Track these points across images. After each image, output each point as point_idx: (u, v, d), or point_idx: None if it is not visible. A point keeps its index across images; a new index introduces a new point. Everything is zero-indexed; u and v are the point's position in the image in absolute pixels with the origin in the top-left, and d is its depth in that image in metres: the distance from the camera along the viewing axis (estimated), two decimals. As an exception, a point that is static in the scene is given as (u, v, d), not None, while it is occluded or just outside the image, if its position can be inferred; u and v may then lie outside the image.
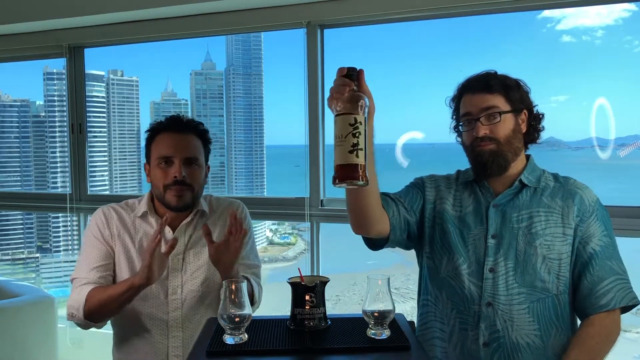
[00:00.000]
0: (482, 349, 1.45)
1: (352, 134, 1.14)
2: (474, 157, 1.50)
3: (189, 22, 2.83)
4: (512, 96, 1.47)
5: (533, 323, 1.44)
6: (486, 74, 1.52)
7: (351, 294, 4.09)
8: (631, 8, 2.60)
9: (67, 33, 3.08)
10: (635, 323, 3.17)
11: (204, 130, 1.79)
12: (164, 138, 1.72)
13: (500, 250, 1.46)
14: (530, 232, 1.45)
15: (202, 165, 1.76)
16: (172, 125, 1.74)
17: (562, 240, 1.45)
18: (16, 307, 2.83)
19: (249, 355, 1.14)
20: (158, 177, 1.70)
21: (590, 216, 1.46)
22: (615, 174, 2.96)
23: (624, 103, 2.74)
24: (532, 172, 1.52)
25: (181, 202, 1.69)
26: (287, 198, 2.82)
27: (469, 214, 1.53)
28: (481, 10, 2.42)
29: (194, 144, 1.74)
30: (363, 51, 3.57)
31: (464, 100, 1.52)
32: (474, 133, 1.47)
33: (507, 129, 1.46)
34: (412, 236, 1.58)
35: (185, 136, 1.73)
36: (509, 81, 1.50)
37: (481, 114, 1.46)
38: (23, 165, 4.13)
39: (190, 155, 1.71)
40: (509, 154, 1.47)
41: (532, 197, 1.49)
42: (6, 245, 4.42)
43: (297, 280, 1.26)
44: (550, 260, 1.44)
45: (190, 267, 1.74)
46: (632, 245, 2.16)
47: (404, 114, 3.82)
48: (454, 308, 1.50)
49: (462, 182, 1.59)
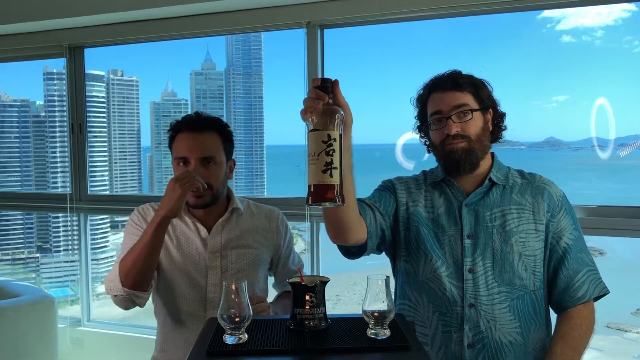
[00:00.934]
0: (466, 350, 1.45)
1: (326, 152, 1.08)
2: (445, 156, 1.49)
3: (189, 22, 2.83)
4: (480, 94, 1.49)
5: (515, 321, 1.45)
6: (453, 72, 1.53)
7: (351, 294, 4.09)
8: (631, 8, 2.61)
9: (67, 33, 3.08)
10: (635, 323, 3.17)
11: (223, 125, 1.79)
12: (180, 138, 1.73)
13: (477, 250, 1.46)
14: (504, 230, 1.46)
15: (221, 162, 1.75)
16: (189, 124, 1.74)
17: (535, 236, 1.47)
18: (16, 307, 2.83)
19: (249, 355, 1.14)
20: None
21: (559, 211, 1.49)
22: (615, 174, 2.96)
23: (624, 103, 2.74)
24: (499, 169, 1.54)
25: (200, 202, 1.71)
26: (287, 198, 2.82)
27: (441, 214, 1.52)
28: (481, 10, 2.42)
29: (211, 142, 1.73)
30: (363, 51, 3.57)
31: (432, 98, 1.52)
32: (445, 131, 1.47)
33: (478, 126, 1.48)
34: (387, 241, 1.56)
35: (201, 135, 1.72)
36: (476, 80, 1.51)
37: (452, 111, 1.46)
38: (23, 165, 4.13)
39: (205, 155, 1.71)
40: (480, 152, 1.48)
41: (502, 195, 1.51)
42: (6, 245, 4.43)
43: (297, 280, 1.26)
44: (526, 257, 1.45)
45: (232, 266, 1.75)
46: (632, 245, 2.16)
47: (404, 114, 3.82)
48: (435, 311, 1.50)
49: (430, 183, 1.58)
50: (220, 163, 1.75)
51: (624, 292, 2.84)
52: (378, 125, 3.67)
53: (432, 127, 1.52)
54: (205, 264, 1.74)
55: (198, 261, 1.75)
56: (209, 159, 1.72)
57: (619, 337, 3.14)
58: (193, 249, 1.76)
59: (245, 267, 1.77)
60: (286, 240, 1.90)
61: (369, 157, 3.87)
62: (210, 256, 1.74)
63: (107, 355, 3.14)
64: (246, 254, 1.78)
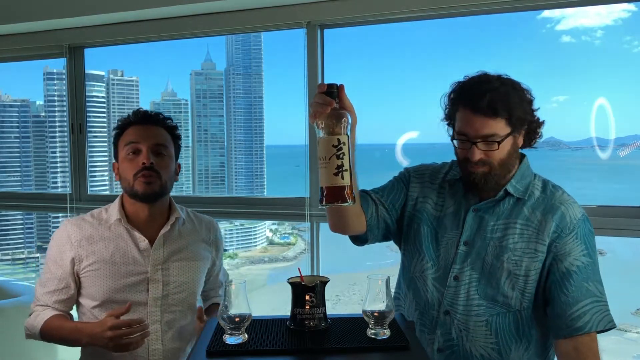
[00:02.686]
0: (436, 353, 1.45)
1: (336, 155, 1.15)
2: (465, 175, 1.46)
3: (189, 22, 2.83)
4: (515, 117, 1.37)
5: (490, 336, 1.42)
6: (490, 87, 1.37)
7: (351, 294, 4.09)
8: (630, 8, 2.61)
9: (67, 33, 3.08)
10: (635, 323, 3.17)
11: (173, 125, 1.76)
12: (130, 131, 1.70)
13: (468, 259, 1.44)
14: (501, 244, 1.42)
15: (172, 157, 1.72)
16: (139, 118, 1.72)
17: (533, 256, 1.40)
18: (16, 307, 2.83)
19: (249, 355, 1.14)
20: (127, 169, 1.66)
21: (569, 233, 1.40)
22: (615, 174, 2.96)
23: (624, 103, 2.74)
24: (521, 179, 1.46)
25: (149, 189, 1.64)
26: (287, 198, 2.82)
27: (448, 215, 1.50)
28: (481, 10, 2.42)
29: (162, 134, 1.71)
30: (363, 51, 3.57)
31: (462, 114, 1.41)
32: (468, 155, 1.40)
33: (504, 153, 1.39)
34: (392, 231, 1.57)
35: (152, 127, 1.71)
36: (514, 97, 1.37)
37: (478, 139, 1.37)
38: (23, 165, 4.13)
39: (158, 142, 1.68)
40: (501, 174, 1.42)
41: (513, 206, 1.45)
42: (6, 245, 4.42)
43: (297, 280, 1.26)
44: (516, 276, 1.40)
45: (173, 279, 1.70)
46: (632, 245, 2.16)
47: (404, 114, 3.82)
48: (417, 309, 1.51)
49: (450, 179, 1.54)
50: (170, 156, 1.72)
51: (624, 292, 2.83)
52: (378, 125, 3.67)
53: (457, 144, 1.45)
54: (147, 278, 1.67)
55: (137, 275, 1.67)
56: (161, 147, 1.68)
57: (619, 337, 3.14)
58: (130, 263, 1.68)
59: (188, 279, 1.73)
60: (220, 253, 1.88)
61: (369, 157, 3.87)
62: (152, 269, 1.68)
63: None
64: (188, 266, 1.73)
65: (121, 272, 1.67)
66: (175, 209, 1.76)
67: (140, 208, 1.70)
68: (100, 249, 1.68)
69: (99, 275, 1.67)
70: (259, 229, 4.35)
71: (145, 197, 1.66)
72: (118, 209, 1.71)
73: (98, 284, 1.67)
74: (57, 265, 1.70)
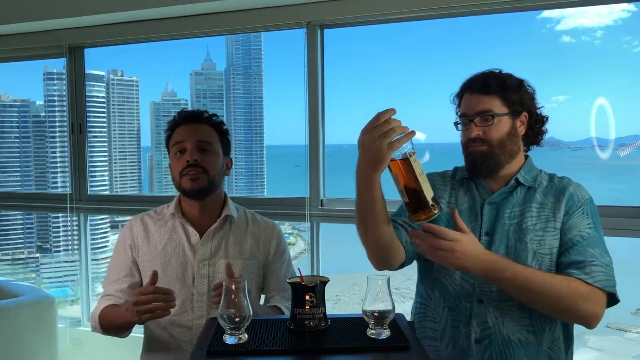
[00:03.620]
0: (474, 345, 1.45)
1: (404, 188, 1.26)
2: (466, 157, 1.52)
3: (189, 22, 2.83)
4: (510, 98, 1.47)
5: (525, 319, 1.44)
6: (488, 73, 1.51)
7: (351, 294, 4.09)
8: (630, 8, 2.61)
9: (67, 33, 3.08)
10: (635, 323, 3.17)
11: (218, 121, 1.80)
12: (177, 131, 1.75)
13: (491, 247, 1.46)
14: (520, 228, 1.45)
15: (218, 153, 1.75)
16: (184, 118, 1.76)
17: (554, 234, 1.45)
18: (16, 307, 2.83)
19: (249, 355, 1.14)
20: (175, 167, 1.72)
21: (576, 210, 1.45)
22: (615, 174, 2.96)
23: (624, 103, 2.74)
24: (528, 171, 1.53)
25: (196, 185, 1.68)
26: (287, 198, 2.82)
27: (463, 211, 1.53)
28: (481, 10, 2.42)
29: (207, 131, 1.75)
30: (363, 51, 3.57)
31: (463, 99, 1.53)
32: (467, 134, 1.49)
33: (501, 131, 1.46)
34: None
35: (198, 125, 1.75)
36: (510, 81, 1.48)
37: (475, 116, 1.47)
38: (23, 165, 4.13)
39: (202, 139, 1.71)
40: (502, 156, 1.48)
41: (526, 194, 1.50)
42: (6, 245, 4.42)
43: (297, 280, 1.26)
44: (542, 255, 1.43)
45: (219, 276, 1.72)
46: (632, 245, 2.16)
47: (404, 114, 3.82)
48: (445, 306, 1.51)
49: (458, 179, 1.59)
50: (217, 152, 1.74)
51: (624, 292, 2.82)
52: (378, 125, 3.67)
53: (460, 128, 1.54)
54: (193, 272, 1.71)
55: (186, 269, 1.72)
56: (205, 144, 1.71)
57: (619, 337, 3.14)
58: (181, 256, 1.73)
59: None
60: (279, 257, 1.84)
61: (369, 157, 3.86)
62: (199, 264, 1.72)
63: (107, 355, 3.13)
64: (234, 264, 1.74)
65: (171, 264, 1.72)
66: (227, 206, 1.79)
67: (192, 204, 1.75)
68: (155, 240, 1.76)
69: (152, 266, 1.71)
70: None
71: (192, 193, 1.70)
72: (175, 204, 1.78)
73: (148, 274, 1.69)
74: (119, 255, 1.78)
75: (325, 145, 2.73)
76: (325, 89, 2.70)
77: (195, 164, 1.67)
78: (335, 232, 2.90)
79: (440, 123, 1.64)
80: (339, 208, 2.69)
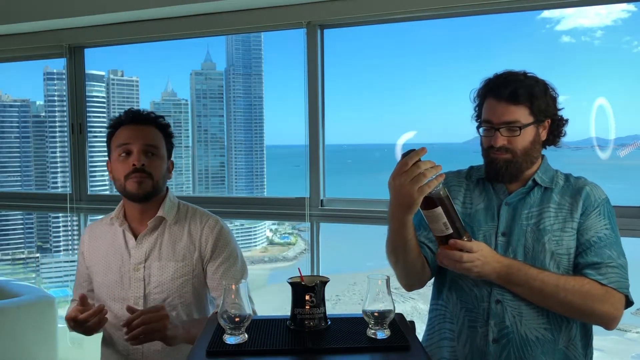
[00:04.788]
0: (491, 345, 1.45)
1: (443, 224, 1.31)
2: (488, 163, 1.52)
3: (189, 22, 2.83)
4: (537, 107, 1.45)
5: (542, 317, 1.44)
6: (514, 78, 1.47)
7: (351, 294, 4.09)
8: (630, 9, 2.61)
9: (67, 33, 3.08)
10: (635, 323, 3.17)
11: (165, 124, 1.77)
12: (122, 131, 1.72)
13: (509, 248, 1.46)
14: (538, 228, 1.46)
15: (163, 157, 1.73)
16: (131, 118, 1.73)
17: (571, 234, 1.45)
18: (16, 307, 2.83)
19: (249, 355, 1.14)
20: (119, 170, 1.69)
21: (593, 210, 1.46)
22: (615, 174, 2.96)
23: (624, 103, 2.74)
24: (545, 172, 1.53)
25: (141, 190, 1.66)
26: (287, 198, 2.82)
27: (479, 211, 1.53)
28: (481, 11, 2.42)
29: (153, 134, 1.72)
30: (363, 51, 3.57)
31: (487, 103, 1.50)
32: (491, 142, 1.47)
33: (526, 141, 1.46)
34: None
35: (144, 127, 1.72)
36: (537, 88, 1.47)
37: (502, 125, 1.45)
38: (23, 165, 4.13)
39: (149, 143, 1.69)
40: (524, 164, 1.49)
41: (543, 195, 1.50)
42: (6, 245, 4.42)
43: (297, 280, 1.26)
44: (559, 255, 1.43)
45: (153, 279, 1.71)
46: (633, 245, 2.16)
47: (404, 114, 3.82)
48: (463, 307, 1.51)
49: (474, 180, 1.59)
50: (162, 157, 1.73)
51: (624, 292, 2.81)
52: (378, 125, 3.67)
53: (482, 132, 1.53)
54: (129, 276, 1.71)
55: (123, 273, 1.73)
56: (151, 148, 1.69)
57: (619, 337, 3.14)
58: (119, 260, 1.74)
59: (166, 280, 1.70)
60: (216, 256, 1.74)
61: (369, 157, 3.87)
62: (133, 267, 1.71)
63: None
64: (167, 266, 1.70)
65: (111, 268, 1.74)
66: (162, 208, 1.73)
67: (133, 207, 1.74)
68: (99, 245, 1.79)
69: (96, 270, 1.78)
70: (259, 229, 4.35)
71: (136, 197, 1.69)
72: (119, 208, 1.78)
73: (95, 278, 1.78)
74: (79, 262, 1.86)
75: (325, 145, 2.73)
76: (325, 89, 2.70)
77: (142, 168, 1.65)
78: (335, 232, 2.90)
79: (441, 123, 1.63)
80: (339, 208, 2.69)
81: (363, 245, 3.50)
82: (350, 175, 3.66)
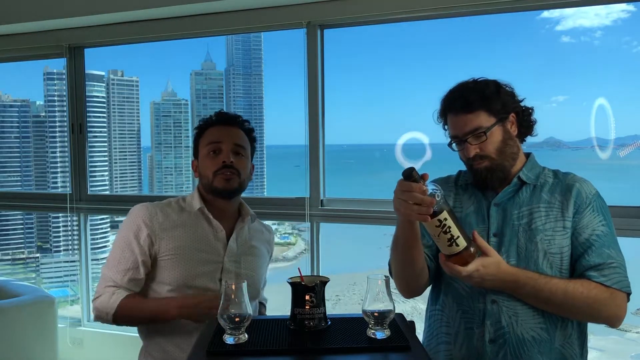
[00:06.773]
0: (488, 345, 1.45)
1: (443, 232, 1.26)
2: (473, 174, 1.53)
3: (189, 22, 2.83)
4: (494, 107, 1.46)
5: (538, 317, 1.44)
6: (464, 87, 1.50)
7: (351, 294, 4.09)
8: (630, 9, 2.61)
9: (67, 33, 3.08)
10: (635, 323, 3.17)
11: (250, 128, 1.86)
12: (212, 130, 1.78)
13: (501, 248, 1.46)
14: (530, 228, 1.46)
15: (248, 157, 1.81)
16: (221, 119, 1.80)
17: (563, 233, 1.45)
18: (16, 307, 2.83)
19: (249, 355, 1.14)
20: (208, 166, 1.74)
21: (586, 208, 1.46)
22: (615, 174, 2.96)
23: (624, 103, 2.74)
24: (531, 169, 1.53)
25: (229, 186, 1.72)
26: (287, 198, 2.82)
27: (470, 214, 1.54)
28: (481, 11, 2.42)
29: (242, 135, 1.80)
30: (363, 51, 3.57)
31: (449, 120, 1.53)
32: (465, 154, 1.49)
33: (497, 141, 1.47)
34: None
35: (233, 128, 1.79)
36: (488, 90, 1.47)
37: (467, 135, 1.47)
38: (23, 165, 4.13)
39: (238, 143, 1.76)
40: (506, 163, 1.49)
41: (532, 194, 1.50)
42: (6, 245, 4.42)
43: (297, 280, 1.26)
44: (552, 254, 1.44)
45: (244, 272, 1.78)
46: (632, 245, 2.16)
47: (404, 114, 3.82)
48: (459, 309, 1.51)
49: (462, 185, 1.60)
50: (247, 157, 1.81)
51: (624, 292, 2.81)
52: (378, 125, 3.67)
53: (455, 147, 1.54)
54: (221, 267, 1.73)
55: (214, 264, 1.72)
56: (240, 148, 1.77)
57: (619, 337, 3.14)
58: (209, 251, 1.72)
59: (254, 275, 1.81)
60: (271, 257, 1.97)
61: (369, 157, 3.87)
62: (228, 260, 1.74)
63: (107, 355, 3.14)
64: (256, 262, 1.82)
65: (200, 259, 1.70)
66: (246, 207, 1.85)
67: (217, 202, 1.77)
68: (180, 234, 1.71)
69: (178, 260, 1.68)
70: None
71: (224, 193, 1.74)
72: (199, 199, 1.77)
73: (177, 268, 1.67)
74: (133, 245, 1.69)
75: (325, 145, 2.73)
76: (325, 89, 2.71)
77: (231, 165, 1.72)
78: (335, 232, 2.90)
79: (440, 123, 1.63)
80: (339, 208, 2.69)
81: (363, 245, 3.50)
82: (351, 175, 3.66)
